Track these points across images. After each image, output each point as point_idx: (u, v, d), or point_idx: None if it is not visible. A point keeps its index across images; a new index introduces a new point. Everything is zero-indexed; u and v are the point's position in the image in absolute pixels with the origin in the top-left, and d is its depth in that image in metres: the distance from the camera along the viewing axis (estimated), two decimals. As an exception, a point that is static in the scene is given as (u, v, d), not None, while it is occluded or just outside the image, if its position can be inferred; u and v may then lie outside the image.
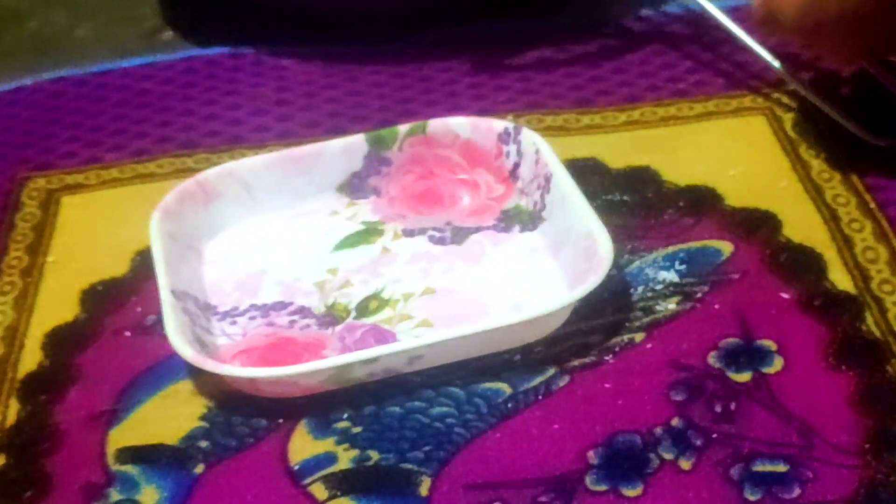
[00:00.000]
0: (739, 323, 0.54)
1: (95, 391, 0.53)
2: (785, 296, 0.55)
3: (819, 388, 0.50)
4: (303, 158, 0.62)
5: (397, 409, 0.51)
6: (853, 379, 0.50)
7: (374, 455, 0.49)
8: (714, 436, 0.48)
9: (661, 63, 0.73)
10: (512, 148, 0.62)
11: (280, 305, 0.57)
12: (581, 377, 0.52)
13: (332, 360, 0.51)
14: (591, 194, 0.60)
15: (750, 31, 0.69)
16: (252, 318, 0.56)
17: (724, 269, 0.56)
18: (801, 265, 0.56)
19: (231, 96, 0.74)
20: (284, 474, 0.49)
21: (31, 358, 0.56)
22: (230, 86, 0.75)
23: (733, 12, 0.71)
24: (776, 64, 0.68)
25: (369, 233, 0.61)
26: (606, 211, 0.59)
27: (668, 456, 0.48)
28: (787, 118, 0.67)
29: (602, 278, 0.52)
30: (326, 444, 0.50)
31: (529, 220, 0.60)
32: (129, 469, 0.50)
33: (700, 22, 0.76)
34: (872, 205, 0.60)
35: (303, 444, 0.50)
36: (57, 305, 0.58)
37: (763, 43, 0.69)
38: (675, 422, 0.49)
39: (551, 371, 0.52)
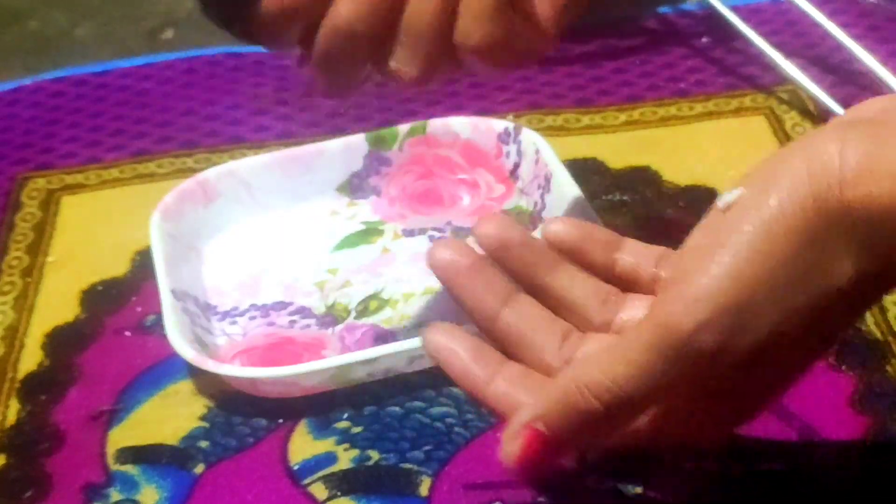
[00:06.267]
0: (739, 323, 0.53)
1: (95, 391, 0.53)
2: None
3: (819, 388, 0.50)
4: (303, 158, 0.62)
5: (397, 409, 0.51)
6: (853, 379, 0.50)
7: (374, 455, 0.49)
8: (714, 436, 0.48)
9: (661, 63, 0.73)
10: (512, 148, 0.62)
11: (280, 305, 0.57)
12: (581, 377, 0.52)
13: (332, 360, 0.51)
14: (591, 194, 0.60)
15: (756, 30, 0.69)
16: (252, 318, 0.56)
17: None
18: (801, 265, 0.56)
19: (231, 96, 0.74)
20: (284, 474, 0.49)
21: (31, 358, 0.56)
22: (230, 86, 0.75)
23: (740, 11, 0.72)
24: (780, 61, 0.68)
25: (369, 233, 0.61)
26: (606, 211, 0.59)
27: (667, 455, 0.48)
28: (787, 118, 0.67)
29: (602, 278, 0.52)
30: (326, 444, 0.50)
31: (529, 220, 0.60)
32: (129, 469, 0.50)
33: (701, 22, 0.76)
34: (872, 205, 0.60)
35: (303, 444, 0.50)
36: (57, 305, 0.58)
37: (769, 41, 0.69)
38: (675, 422, 0.49)
39: (551, 371, 0.52)
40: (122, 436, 0.51)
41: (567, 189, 0.57)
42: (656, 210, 0.61)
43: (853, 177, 0.34)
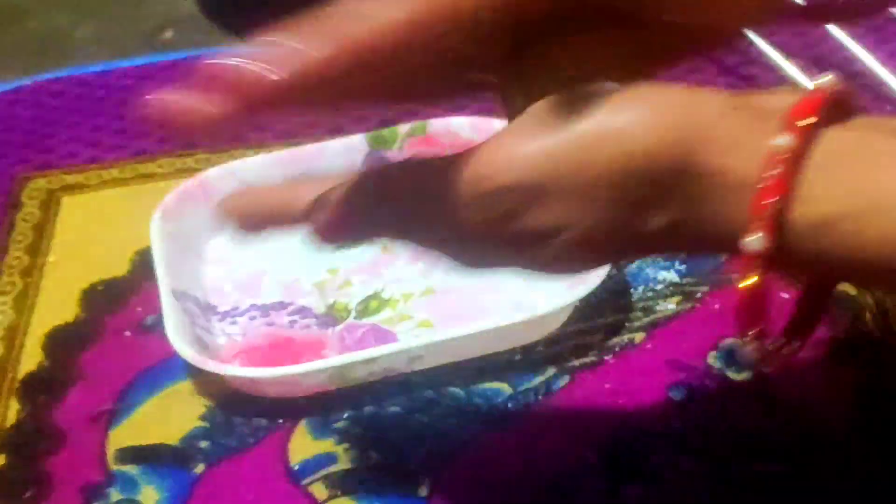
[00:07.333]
0: (739, 323, 0.54)
1: (95, 391, 0.53)
2: (785, 296, 0.55)
3: (819, 387, 0.50)
4: (303, 158, 0.62)
5: (397, 409, 0.51)
6: (853, 378, 0.50)
7: (374, 455, 0.49)
8: (714, 435, 0.48)
9: (661, 63, 0.73)
10: (512, 148, 0.62)
11: (280, 305, 0.57)
12: (581, 377, 0.52)
13: (332, 360, 0.51)
14: (591, 194, 0.59)
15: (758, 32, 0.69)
16: (252, 318, 0.56)
17: (724, 269, 0.56)
18: (801, 265, 0.56)
19: (231, 96, 0.73)
20: (284, 474, 0.49)
21: (31, 358, 0.56)
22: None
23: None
24: (780, 61, 0.68)
25: (369, 233, 0.61)
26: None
27: (667, 456, 0.48)
28: (788, 118, 0.67)
29: (602, 278, 0.52)
30: (326, 444, 0.50)
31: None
32: (129, 469, 0.50)
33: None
34: (872, 205, 0.60)
35: (303, 444, 0.50)
36: (57, 305, 0.58)
37: (769, 41, 0.69)
38: (675, 422, 0.49)
39: (551, 371, 0.52)
40: (122, 436, 0.51)
41: (567, 189, 0.57)
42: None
43: (721, 143, 0.33)
